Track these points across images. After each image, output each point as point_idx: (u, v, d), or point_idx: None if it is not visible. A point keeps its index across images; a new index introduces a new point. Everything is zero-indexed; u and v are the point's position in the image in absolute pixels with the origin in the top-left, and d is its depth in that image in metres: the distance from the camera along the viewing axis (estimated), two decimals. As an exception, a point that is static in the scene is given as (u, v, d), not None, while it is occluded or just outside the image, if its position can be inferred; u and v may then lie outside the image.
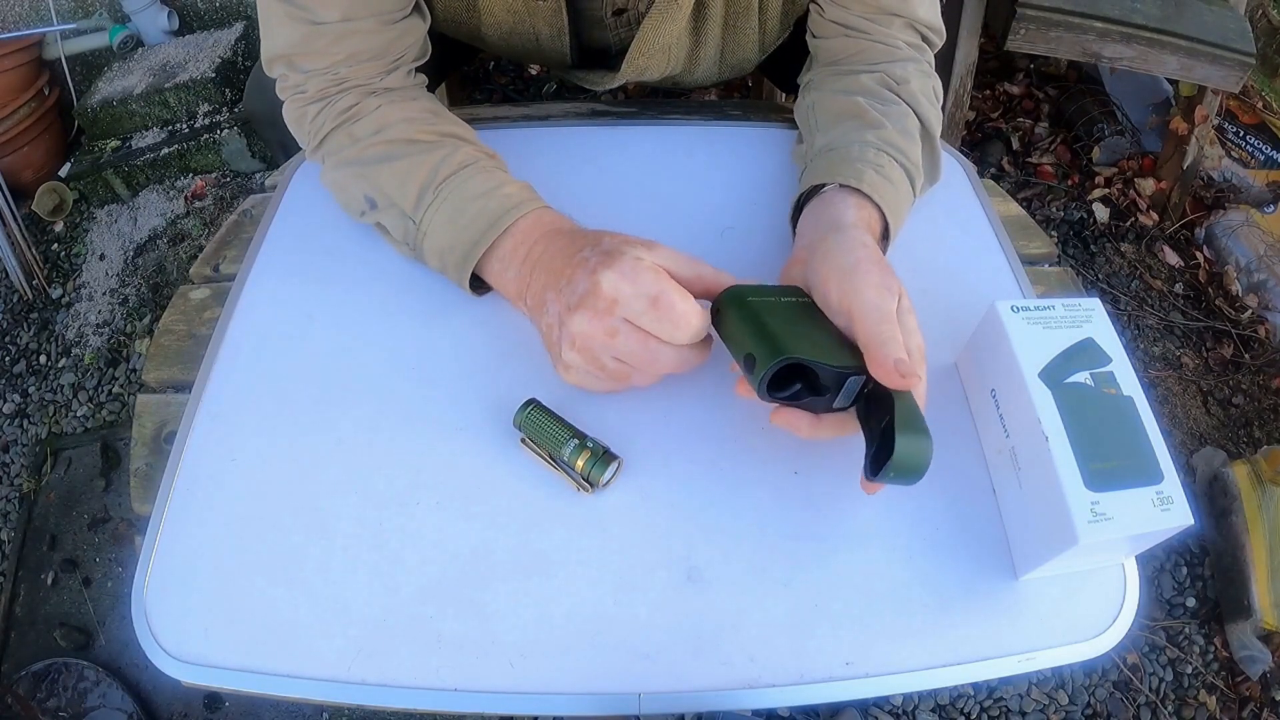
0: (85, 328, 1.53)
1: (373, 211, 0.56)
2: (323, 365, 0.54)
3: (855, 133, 0.55)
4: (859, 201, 0.51)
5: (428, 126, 0.56)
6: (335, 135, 0.57)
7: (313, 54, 0.55)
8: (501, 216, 0.51)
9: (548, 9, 0.63)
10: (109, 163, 1.65)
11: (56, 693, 1.13)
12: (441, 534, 0.47)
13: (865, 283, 0.44)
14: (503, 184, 0.54)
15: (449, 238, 0.53)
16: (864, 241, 0.47)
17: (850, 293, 0.44)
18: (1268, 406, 1.38)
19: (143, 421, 0.55)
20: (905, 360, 0.41)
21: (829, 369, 0.42)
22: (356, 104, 0.56)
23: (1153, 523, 0.41)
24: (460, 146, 0.55)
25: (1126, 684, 1.13)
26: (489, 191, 0.53)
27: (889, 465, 0.40)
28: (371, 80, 0.57)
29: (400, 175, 0.54)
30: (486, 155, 0.57)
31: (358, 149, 0.56)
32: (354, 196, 0.57)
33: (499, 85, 1.79)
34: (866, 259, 0.46)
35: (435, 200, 0.53)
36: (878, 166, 0.52)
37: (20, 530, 1.30)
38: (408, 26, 0.57)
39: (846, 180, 0.51)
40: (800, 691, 0.42)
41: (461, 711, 0.43)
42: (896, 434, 0.40)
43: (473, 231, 0.52)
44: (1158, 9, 1.33)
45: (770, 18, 0.66)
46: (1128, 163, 1.65)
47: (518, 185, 0.54)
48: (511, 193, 0.53)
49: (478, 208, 0.52)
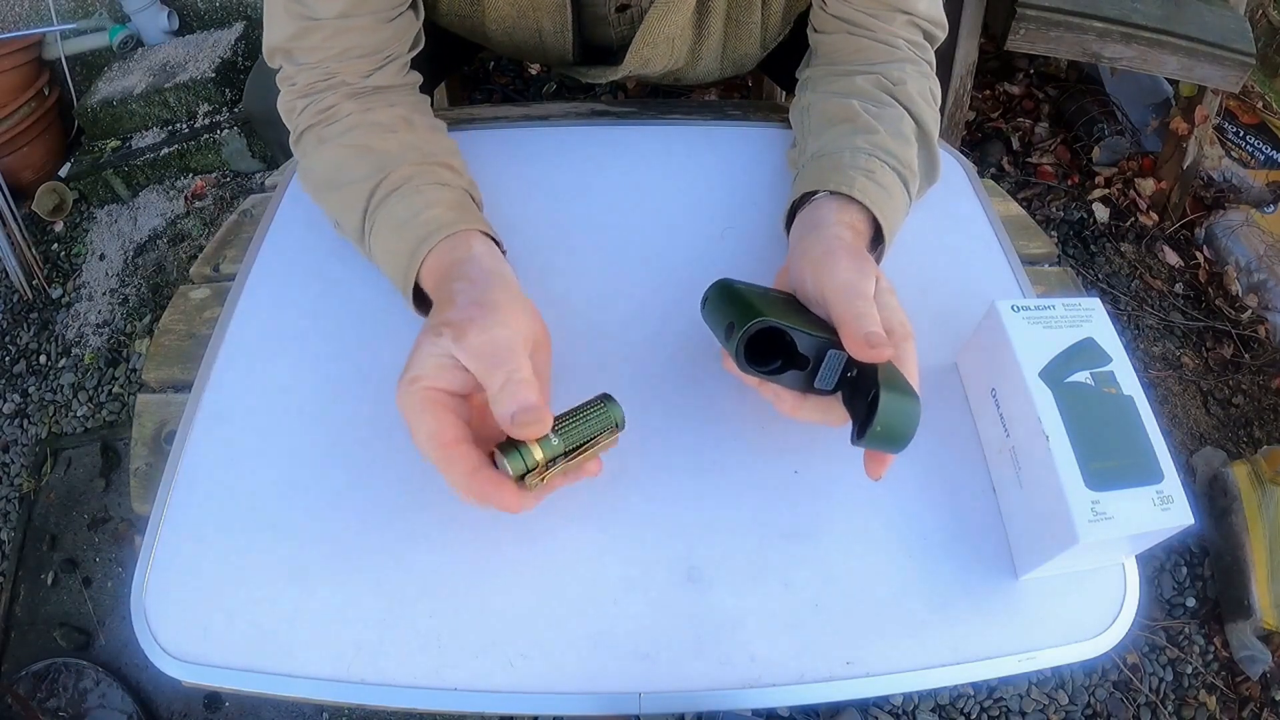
0: (85, 328, 1.53)
1: (339, 229, 0.57)
2: (323, 365, 0.54)
3: (847, 138, 0.55)
4: (846, 206, 0.51)
5: (385, 136, 0.55)
6: (309, 134, 0.57)
7: (309, 48, 0.55)
8: (417, 248, 0.50)
9: (551, 4, 0.63)
10: (109, 163, 1.65)
11: (56, 693, 1.13)
12: (441, 534, 0.47)
13: (837, 266, 0.45)
14: (422, 210, 0.51)
15: (389, 268, 0.52)
16: (839, 235, 0.48)
17: (823, 276, 0.45)
18: (1268, 406, 1.38)
19: (143, 421, 0.55)
20: (876, 333, 0.41)
21: (806, 336, 0.43)
22: (334, 106, 0.56)
23: (1153, 522, 0.41)
24: (401, 164, 0.53)
25: (1126, 684, 1.13)
26: (409, 220, 0.51)
27: (873, 424, 0.40)
28: (360, 77, 0.57)
29: (345, 202, 0.54)
30: (426, 168, 0.54)
31: (319, 156, 0.56)
32: (325, 214, 0.58)
33: (499, 85, 1.79)
34: (840, 248, 0.46)
35: (372, 229, 0.53)
36: (869, 172, 0.52)
37: (20, 530, 1.30)
38: (402, 23, 0.57)
39: (837, 187, 0.51)
40: (800, 691, 0.42)
41: (461, 711, 0.43)
42: (880, 393, 0.39)
43: (401, 261, 0.51)
44: (1158, 9, 1.33)
45: (773, 12, 0.67)
46: (1128, 163, 1.65)
47: (439, 207, 0.51)
48: (429, 219, 0.50)
49: (399, 237, 0.51)
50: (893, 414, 0.39)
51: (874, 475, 0.45)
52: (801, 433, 0.49)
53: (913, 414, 0.40)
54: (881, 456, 0.44)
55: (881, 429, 0.40)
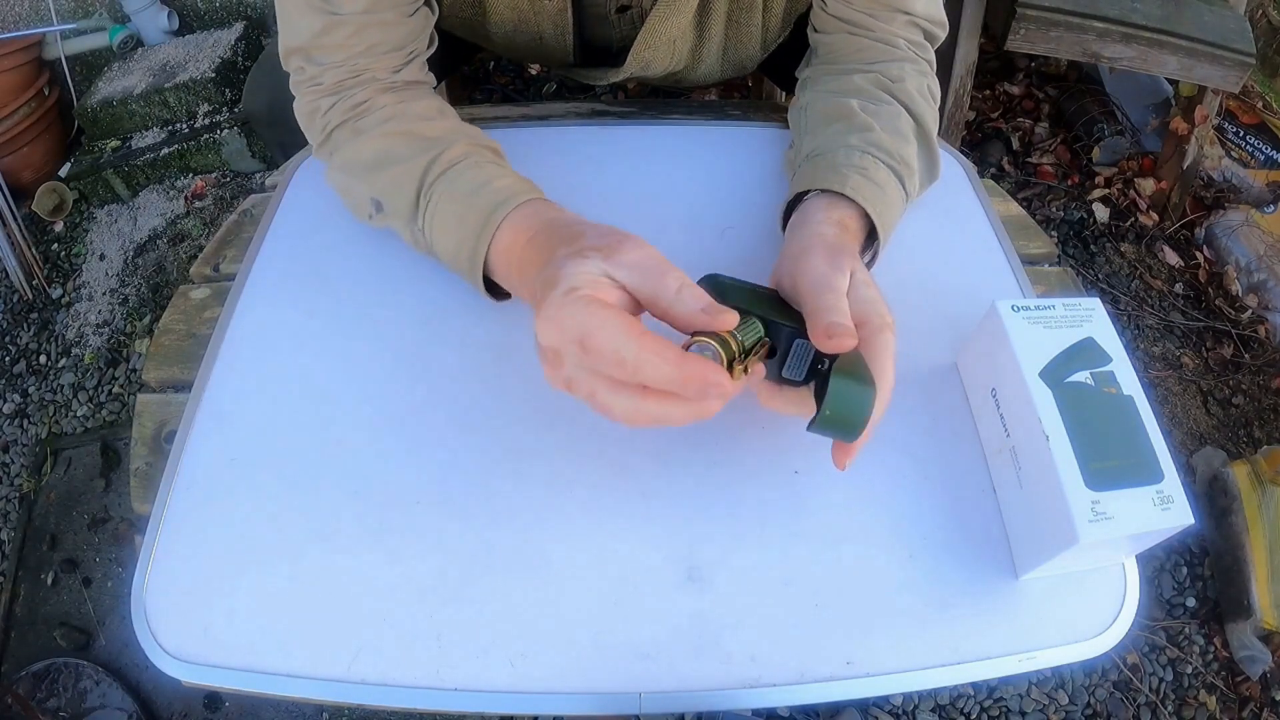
0: (85, 328, 1.53)
1: (380, 215, 0.56)
2: (323, 365, 0.54)
3: (841, 136, 0.55)
4: (836, 203, 0.52)
5: (428, 123, 0.55)
6: (341, 130, 0.56)
7: (332, 46, 0.55)
8: (492, 213, 0.49)
9: (553, 8, 0.63)
10: (109, 163, 1.65)
11: (56, 693, 1.13)
12: (441, 534, 0.47)
13: (811, 261, 0.45)
14: (492, 179, 0.51)
15: (452, 242, 0.51)
16: (820, 232, 0.49)
17: (798, 272, 0.45)
18: (1268, 406, 1.38)
19: (143, 421, 0.55)
20: (837, 323, 0.41)
21: (776, 324, 0.43)
22: (367, 100, 0.56)
23: (1153, 522, 0.41)
24: (454, 143, 0.53)
25: (1126, 684, 1.13)
26: (478, 188, 0.50)
27: (821, 409, 0.40)
28: (390, 72, 0.57)
29: (396, 180, 0.53)
30: (479, 149, 0.54)
31: (357, 146, 0.55)
32: (360, 199, 0.57)
33: (499, 85, 1.79)
34: (816, 244, 0.47)
35: (429, 204, 0.52)
36: (862, 169, 0.52)
37: (20, 530, 1.30)
38: (420, 18, 0.57)
39: (829, 185, 0.52)
40: (801, 691, 0.42)
41: (461, 711, 0.43)
42: (831, 378, 0.40)
43: (469, 230, 0.50)
44: (1158, 9, 1.33)
45: (774, 14, 0.67)
46: (1128, 163, 1.65)
47: (509, 178, 0.52)
48: (502, 186, 0.50)
49: (467, 206, 0.50)
50: (841, 400, 0.40)
51: (839, 464, 0.44)
52: (802, 433, 0.49)
53: (862, 401, 0.40)
54: (846, 447, 0.43)
55: (830, 413, 0.40)
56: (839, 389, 0.40)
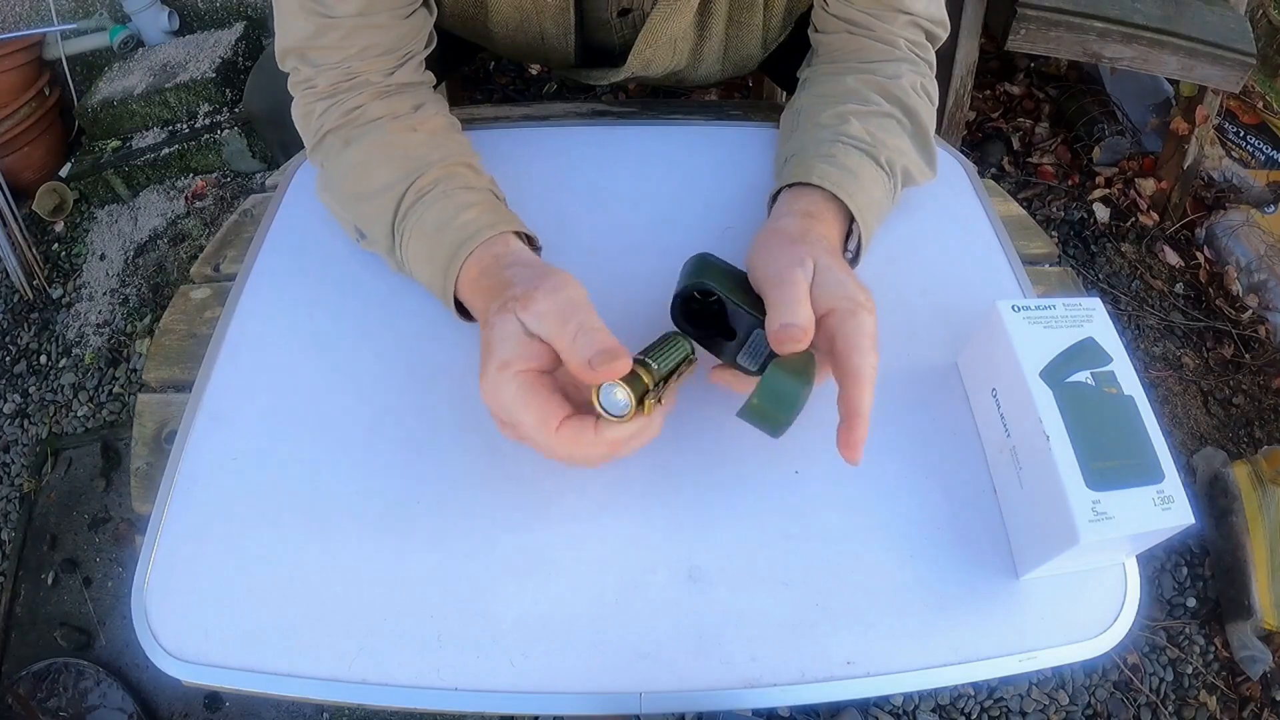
0: (85, 328, 1.53)
1: (365, 241, 0.57)
2: (323, 365, 0.54)
3: (813, 132, 0.56)
4: (801, 193, 0.52)
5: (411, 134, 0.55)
6: (333, 137, 0.56)
7: (326, 48, 0.55)
8: (456, 253, 0.49)
9: (554, 8, 0.63)
10: (109, 163, 1.65)
11: (56, 693, 1.13)
12: (441, 534, 0.47)
13: (768, 256, 0.46)
14: (458, 212, 0.51)
15: (425, 274, 0.52)
16: (783, 226, 0.49)
17: (757, 267, 0.46)
18: (1268, 406, 1.38)
19: (143, 421, 0.55)
20: (788, 324, 0.42)
21: (741, 310, 0.45)
22: (362, 106, 0.56)
23: (1153, 522, 0.41)
24: (428, 168, 0.53)
25: (1127, 684, 1.13)
26: (444, 225, 0.51)
27: (750, 396, 0.40)
28: (383, 75, 0.57)
29: (373, 214, 0.54)
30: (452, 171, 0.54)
31: (342, 160, 0.55)
32: (346, 223, 0.58)
33: (499, 85, 1.79)
34: (775, 239, 0.48)
35: (402, 237, 0.52)
36: (829, 157, 0.53)
37: (20, 530, 1.30)
38: (417, 19, 0.57)
39: (796, 178, 0.52)
40: (801, 691, 0.42)
41: (461, 711, 0.43)
42: (768, 369, 0.40)
43: (438, 267, 0.50)
44: (1158, 9, 1.33)
45: (775, 14, 0.67)
46: (1128, 163, 1.65)
47: (474, 209, 0.51)
48: (466, 222, 0.50)
49: (434, 244, 0.51)
50: (769, 392, 0.40)
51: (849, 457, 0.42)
52: (802, 433, 0.49)
53: (792, 397, 0.40)
54: (848, 437, 0.42)
55: (757, 402, 0.41)
56: (770, 381, 0.40)
